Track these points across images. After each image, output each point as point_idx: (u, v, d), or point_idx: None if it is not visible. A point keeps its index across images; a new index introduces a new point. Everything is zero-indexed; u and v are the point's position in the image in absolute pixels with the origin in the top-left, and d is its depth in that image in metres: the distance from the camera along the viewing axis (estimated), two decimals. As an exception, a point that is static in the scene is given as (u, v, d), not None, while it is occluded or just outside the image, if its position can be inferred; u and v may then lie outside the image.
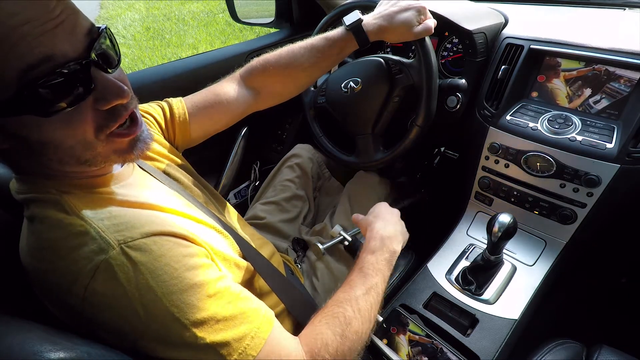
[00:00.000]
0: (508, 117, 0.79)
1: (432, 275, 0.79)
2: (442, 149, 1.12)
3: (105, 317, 0.39)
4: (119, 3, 5.54)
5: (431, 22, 0.72)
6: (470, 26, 0.82)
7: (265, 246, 0.76)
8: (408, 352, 0.65)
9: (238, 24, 2.39)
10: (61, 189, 0.43)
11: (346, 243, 0.81)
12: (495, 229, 0.66)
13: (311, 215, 1.08)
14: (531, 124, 0.76)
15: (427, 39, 0.74)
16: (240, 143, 1.22)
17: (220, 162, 1.22)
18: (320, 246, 0.82)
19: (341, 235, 0.82)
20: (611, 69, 0.71)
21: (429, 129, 0.80)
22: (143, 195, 0.49)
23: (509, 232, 0.66)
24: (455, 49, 0.95)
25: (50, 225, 0.41)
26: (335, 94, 0.92)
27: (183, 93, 0.75)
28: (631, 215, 0.74)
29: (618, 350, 0.61)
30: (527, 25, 0.85)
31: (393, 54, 0.89)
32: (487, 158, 0.83)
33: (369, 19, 0.72)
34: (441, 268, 0.80)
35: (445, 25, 0.83)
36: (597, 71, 0.73)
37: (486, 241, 0.72)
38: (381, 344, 0.67)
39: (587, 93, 0.74)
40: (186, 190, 0.62)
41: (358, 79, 0.86)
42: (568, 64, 0.76)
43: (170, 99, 0.72)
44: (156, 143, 0.64)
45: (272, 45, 1.21)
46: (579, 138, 0.70)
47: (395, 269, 0.87)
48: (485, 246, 0.74)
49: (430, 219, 1.17)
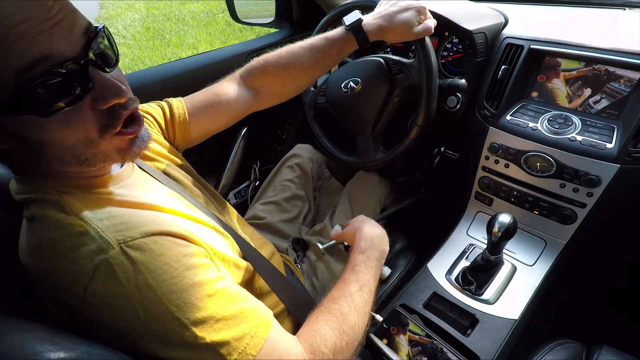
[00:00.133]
0: (508, 117, 0.79)
1: (432, 275, 0.79)
2: (442, 149, 1.12)
3: (105, 317, 0.39)
4: (119, 3, 5.54)
5: (431, 22, 0.72)
6: (470, 26, 0.82)
7: (265, 246, 0.76)
8: (408, 352, 0.65)
9: (238, 24, 2.39)
10: (61, 189, 0.43)
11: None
12: (495, 229, 0.66)
13: (311, 215, 1.08)
14: (531, 124, 0.76)
15: (427, 39, 0.74)
16: (240, 143, 1.22)
17: (220, 162, 1.22)
18: (320, 246, 0.82)
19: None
20: (611, 69, 0.71)
21: (429, 129, 0.80)
22: (142, 195, 0.49)
23: (509, 232, 0.66)
24: (455, 49, 0.95)
25: (49, 225, 0.41)
26: (335, 94, 0.92)
27: (183, 93, 0.74)
28: (631, 215, 0.74)
29: (618, 350, 0.61)
30: (527, 25, 0.85)
31: (393, 54, 0.89)
32: (487, 158, 0.83)
33: (369, 19, 0.72)
34: (441, 268, 0.80)
35: (445, 25, 0.83)
36: (597, 71, 0.73)
37: (486, 241, 0.72)
38: (381, 344, 0.67)
39: (587, 93, 0.74)
40: (186, 190, 0.62)
41: (358, 79, 0.86)
42: (568, 64, 0.76)
43: (170, 99, 0.72)
44: (156, 143, 0.64)
45: (272, 45, 1.21)
46: (579, 138, 0.70)
47: (395, 269, 0.87)
48: (485, 246, 0.74)
49: (430, 219, 1.17)
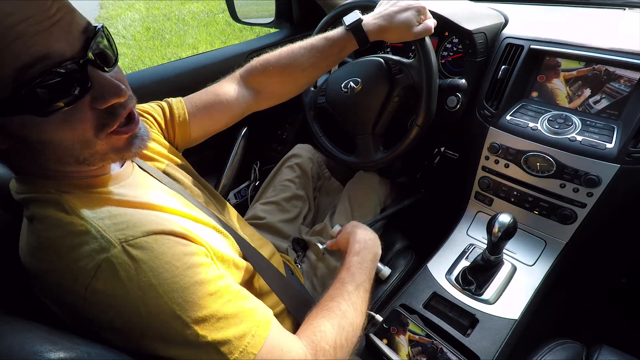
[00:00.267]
0: (508, 117, 0.79)
1: (432, 275, 0.79)
2: (442, 149, 1.12)
3: (106, 316, 0.39)
4: (119, 3, 5.53)
5: (431, 22, 0.72)
6: (470, 26, 0.82)
7: (265, 246, 0.76)
8: (408, 352, 0.65)
9: (238, 24, 2.39)
10: (61, 189, 0.43)
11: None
12: (495, 229, 0.66)
13: (311, 215, 1.08)
14: (531, 124, 0.76)
15: (427, 39, 0.74)
16: (240, 143, 1.22)
17: (220, 162, 1.22)
18: (320, 246, 0.82)
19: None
20: (611, 69, 0.71)
21: (429, 129, 0.80)
22: (142, 195, 0.49)
23: (509, 232, 0.66)
24: (455, 49, 0.95)
25: (50, 224, 0.41)
26: (335, 94, 0.92)
27: (183, 93, 0.74)
28: (631, 215, 0.74)
29: (618, 350, 0.61)
30: (527, 25, 0.85)
31: (393, 54, 0.89)
32: (487, 158, 0.83)
33: (369, 19, 0.72)
34: (441, 268, 0.80)
35: (445, 25, 0.83)
36: (597, 71, 0.73)
37: (486, 241, 0.72)
38: (381, 344, 0.67)
39: (587, 93, 0.74)
40: (186, 190, 0.62)
41: (358, 79, 0.86)
42: (568, 64, 0.76)
43: (170, 99, 0.71)
44: (156, 143, 0.64)
45: (272, 45, 1.21)
46: (579, 138, 0.70)
47: (395, 269, 0.87)
48: (485, 246, 0.74)
49: (430, 219, 1.17)
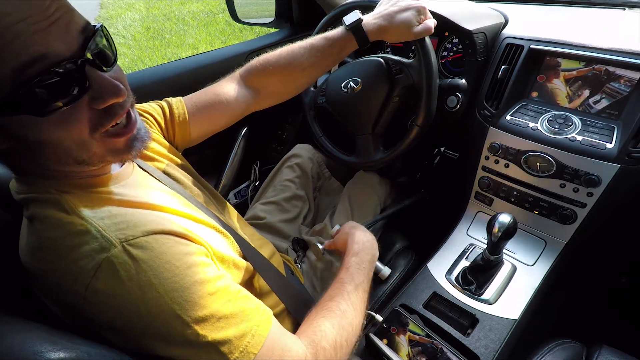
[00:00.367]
0: (508, 117, 0.79)
1: (432, 275, 0.79)
2: (442, 149, 1.12)
3: (106, 316, 0.39)
4: (119, 3, 5.53)
5: (431, 22, 0.72)
6: (470, 26, 0.82)
7: (265, 246, 0.76)
8: (408, 352, 0.65)
9: (238, 24, 2.39)
10: (60, 189, 0.43)
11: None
12: (495, 229, 0.66)
13: (311, 215, 1.08)
14: (531, 124, 0.76)
15: (427, 39, 0.74)
16: (240, 143, 1.22)
17: (220, 162, 1.22)
18: (320, 246, 0.82)
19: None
20: (611, 69, 0.71)
21: (429, 129, 0.80)
22: (142, 195, 0.49)
23: (509, 232, 0.66)
24: (455, 49, 0.95)
25: (50, 224, 0.41)
26: (335, 94, 0.92)
27: (183, 93, 0.74)
28: (631, 215, 0.74)
29: (618, 350, 0.61)
30: (527, 25, 0.85)
31: (393, 54, 0.89)
32: (487, 158, 0.83)
33: (369, 19, 0.72)
34: (441, 268, 0.80)
35: (445, 25, 0.83)
36: (597, 71, 0.73)
37: (486, 241, 0.72)
38: (381, 344, 0.67)
39: (587, 93, 0.74)
40: (186, 190, 0.62)
41: (358, 79, 0.86)
42: (568, 64, 0.76)
43: (169, 99, 0.71)
44: (156, 143, 0.64)
45: (272, 45, 1.21)
46: (579, 138, 0.70)
47: (395, 269, 0.87)
48: (485, 246, 0.74)
49: (430, 219, 1.17)
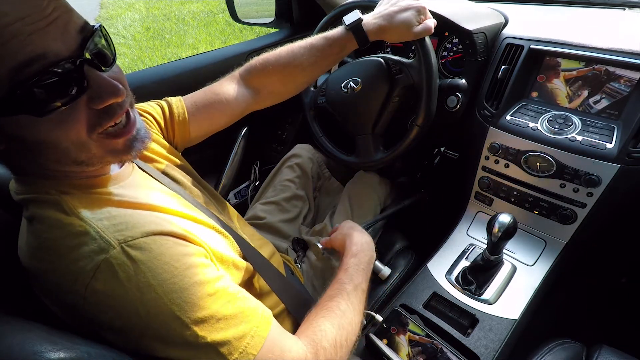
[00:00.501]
0: (508, 117, 0.79)
1: (432, 275, 0.79)
2: (442, 149, 1.12)
3: (105, 316, 0.39)
4: (119, 3, 5.53)
5: (431, 22, 0.72)
6: (470, 26, 0.82)
7: (265, 246, 0.76)
8: (408, 352, 0.65)
9: (238, 24, 2.38)
10: (60, 190, 0.43)
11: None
12: (495, 229, 0.66)
13: (311, 215, 1.08)
14: (531, 124, 0.76)
15: (427, 39, 0.74)
16: (240, 143, 1.22)
17: (220, 162, 1.22)
18: (320, 246, 0.82)
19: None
20: (611, 69, 0.71)
21: (429, 129, 0.80)
22: (142, 195, 0.49)
23: (509, 232, 0.66)
24: (455, 49, 0.95)
25: (49, 225, 0.41)
26: (335, 94, 0.92)
27: (183, 93, 0.74)
28: (631, 215, 0.74)
29: (618, 350, 0.61)
30: (527, 25, 0.85)
31: (393, 54, 0.89)
32: (487, 158, 0.83)
33: (369, 19, 0.72)
34: (441, 268, 0.80)
35: (445, 25, 0.83)
36: (597, 71, 0.73)
37: (486, 241, 0.72)
38: (381, 344, 0.67)
39: (587, 93, 0.74)
40: (186, 190, 0.62)
41: (358, 79, 0.86)
42: (568, 64, 0.76)
43: (169, 98, 0.71)
44: (155, 143, 0.64)
45: (272, 45, 1.20)
46: (579, 138, 0.70)
47: (395, 269, 0.87)
48: (485, 246, 0.74)
49: (430, 219, 1.17)
